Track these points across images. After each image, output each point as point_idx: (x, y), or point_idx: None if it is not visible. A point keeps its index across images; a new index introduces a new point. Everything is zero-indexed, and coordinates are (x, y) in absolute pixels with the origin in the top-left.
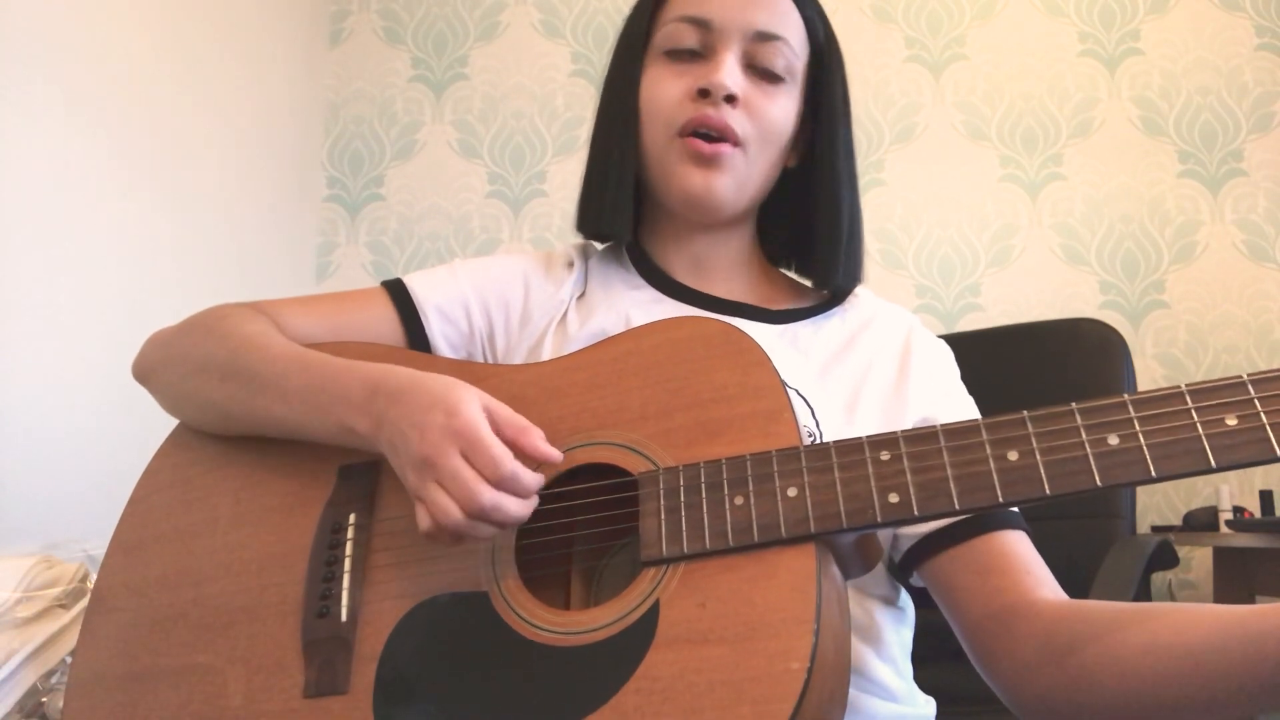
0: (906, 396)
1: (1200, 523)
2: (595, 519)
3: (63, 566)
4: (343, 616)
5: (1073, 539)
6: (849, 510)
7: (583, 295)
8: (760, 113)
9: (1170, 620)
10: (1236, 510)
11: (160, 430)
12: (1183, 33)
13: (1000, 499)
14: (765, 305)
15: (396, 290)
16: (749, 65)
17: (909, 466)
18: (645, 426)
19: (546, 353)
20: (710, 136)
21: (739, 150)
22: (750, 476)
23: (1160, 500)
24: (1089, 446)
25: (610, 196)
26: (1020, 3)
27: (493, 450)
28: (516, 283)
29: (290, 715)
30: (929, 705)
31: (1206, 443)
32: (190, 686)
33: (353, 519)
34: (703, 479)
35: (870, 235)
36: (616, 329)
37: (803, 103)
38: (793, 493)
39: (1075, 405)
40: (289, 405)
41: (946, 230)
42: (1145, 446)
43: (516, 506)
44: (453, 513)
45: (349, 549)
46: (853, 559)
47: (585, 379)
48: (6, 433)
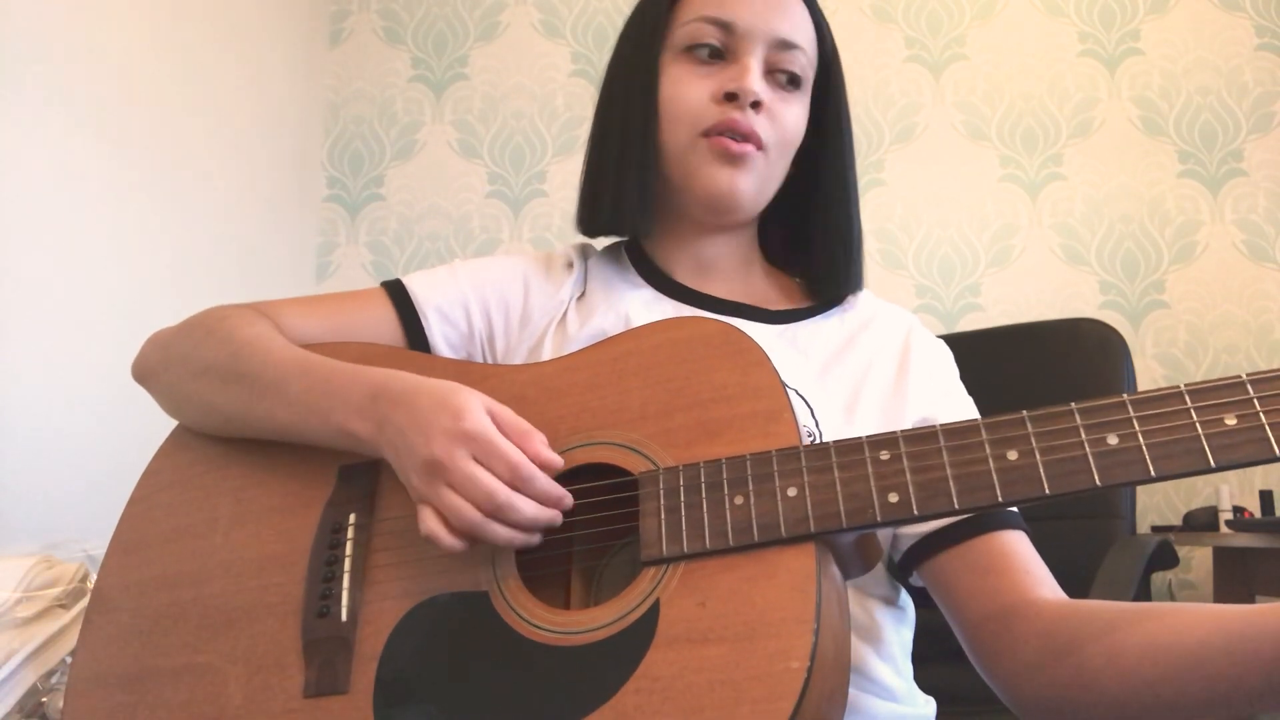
0: (906, 396)
1: (1200, 523)
2: (595, 519)
3: (63, 566)
4: (343, 616)
5: (1073, 539)
6: (849, 510)
7: (582, 296)
8: (780, 119)
9: (1170, 620)
10: (1236, 510)
11: (160, 430)
12: (1183, 33)
13: (1000, 499)
14: (765, 306)
15: (396, 291)
16: (768, 71)
17: (908, 466)
18: (645, 426)
19: (546, 353)
20: (736, 139)
21: (762, 154)
22: (750, 476)
23: (1160, 500)
24: (1088, 446)
25: (631, 193)
26: (1020, 3)
27: (510, 454)
28: (516, 283)
29: (290, 715)
30: (929, 705)
31: (1206, 442)
32: (190, 686)
33: (353, 519)
34: (703, 479)
35: (870, 235)
36: (616, 329)
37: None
38: (793, 492)
39: (1074, 405)
40: (289, 409)
41: (946, 230)
42: (1144, 446)
43: (532, 508)
44: (467, 512)
45: (349, 549)
46: (852, 559)
47: (585, 379)
48: (6, 433)
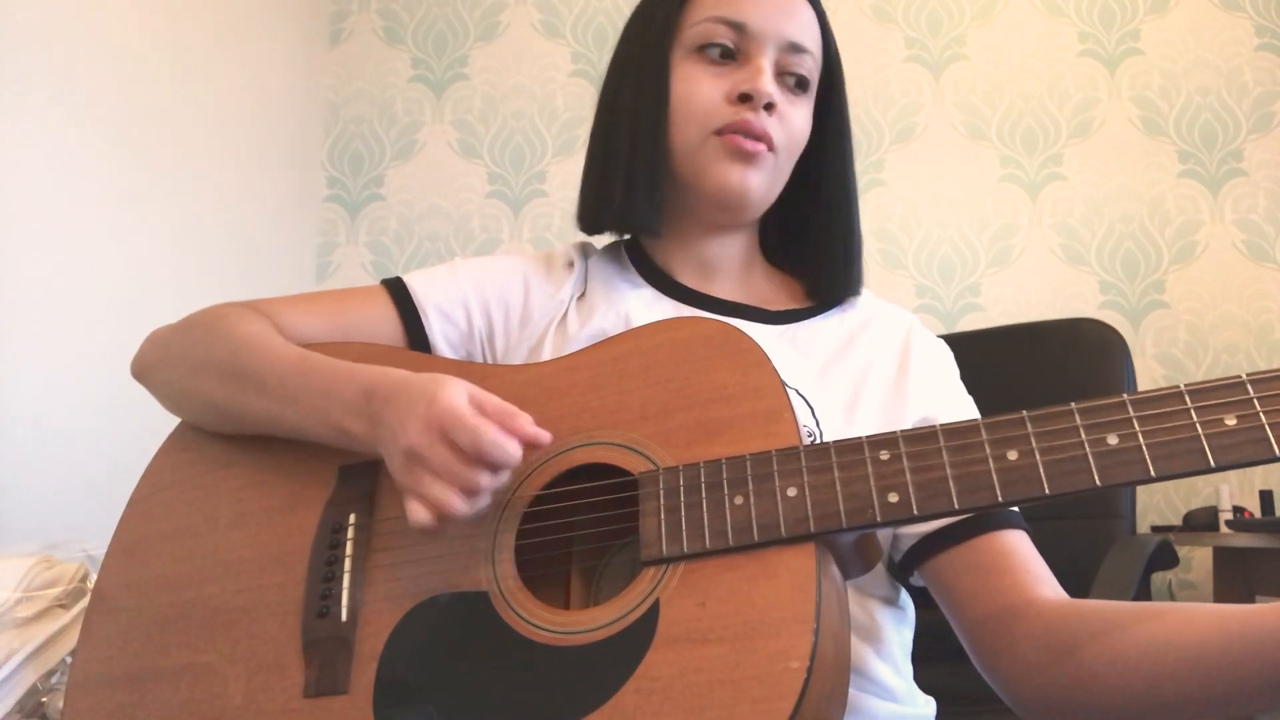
0: (906, 396)
1: (1200, 523)
2: (595, 519)
3: (63, 566)
4: (343, 616)
5: (1073, 539)
6: (848, 510)
7: (583, 295)
8: (789, 122)
9: (1170, 620)
10: (1236, 510)
11: (160, 430)
12: (1183, 33)
13: (1000, 499)
14: (765, 306)
15: (396, 289)
16: (777, 74)
17: (908, 466)
18: (645, 426)
19: (547, 353)
20: (749, 138)
21: (773, 154)
22: (750, 476)
23: (1160, 500)
24: (1088, 446)
25: (641, 191)
26: (1020, 3)
27: (470, 422)
28: (516, 283)
29: (290, 715)
30: (929, 705)
31: (1206, 442)
32: (190, 686)
33: (353, 519)
34: (703, 479)
35: (870, 235)
36: (617, 329)
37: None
38: (792, 492)
39: (1074, 405)
40: (286, 408)
41: (946, 230)
42: (1144, 446)
43: (505, 480)
44: (453, 500)
45: (349, 549)
46: (852, 559)
47: (585, 379)
48: (6, 433)
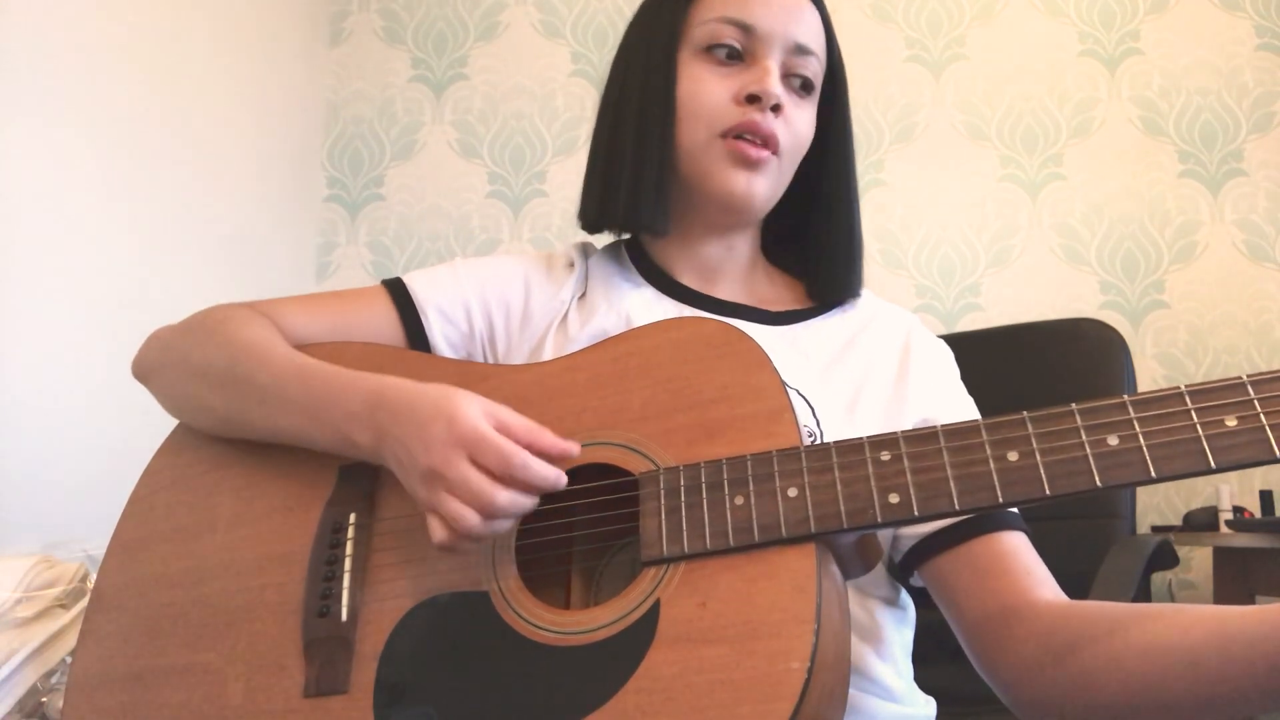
0: (906, 397)
1: (1200, 523)
2: (595, 518)
3: (63, 566)
4: (343, 616)
5: (1073, 539)
6: (849, 510)
7: (583, 295)
8: (794, 124)
9: (1169, 622)
10: (1236, 510)
11: (160, 430)
12: (1183, 33)
13: (1000, 499)
14: (766, 306)
15: (397, 289)
16: (784, 75)
17: (909, 466)
18: (646, 426)
19: (547, 353)
20: (756, 143)
21: (776, 159)
22: (751, 476)
23: (1160, 500)
24: (1089, 447)
25: (648, 191)
26: (1020, 3)
27: (499, 446)
28: (517, 284)
29: (291, 715)
30: (929, 705)
31: (1206, 443)
32: (191, 686)
33: (353, 519)
34: (703, 479)
35: (870, 235)
36: (617, 329)
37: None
38: (793, 493)
39: (1075, 406)
40: (288, 416)
41: (946, 230)
42: (1145, 447)
43: (529, 502)
44: (469, 518)
45: (349, 549)
46: (853, 559)
47: (586, 379)
48: (6, 433)
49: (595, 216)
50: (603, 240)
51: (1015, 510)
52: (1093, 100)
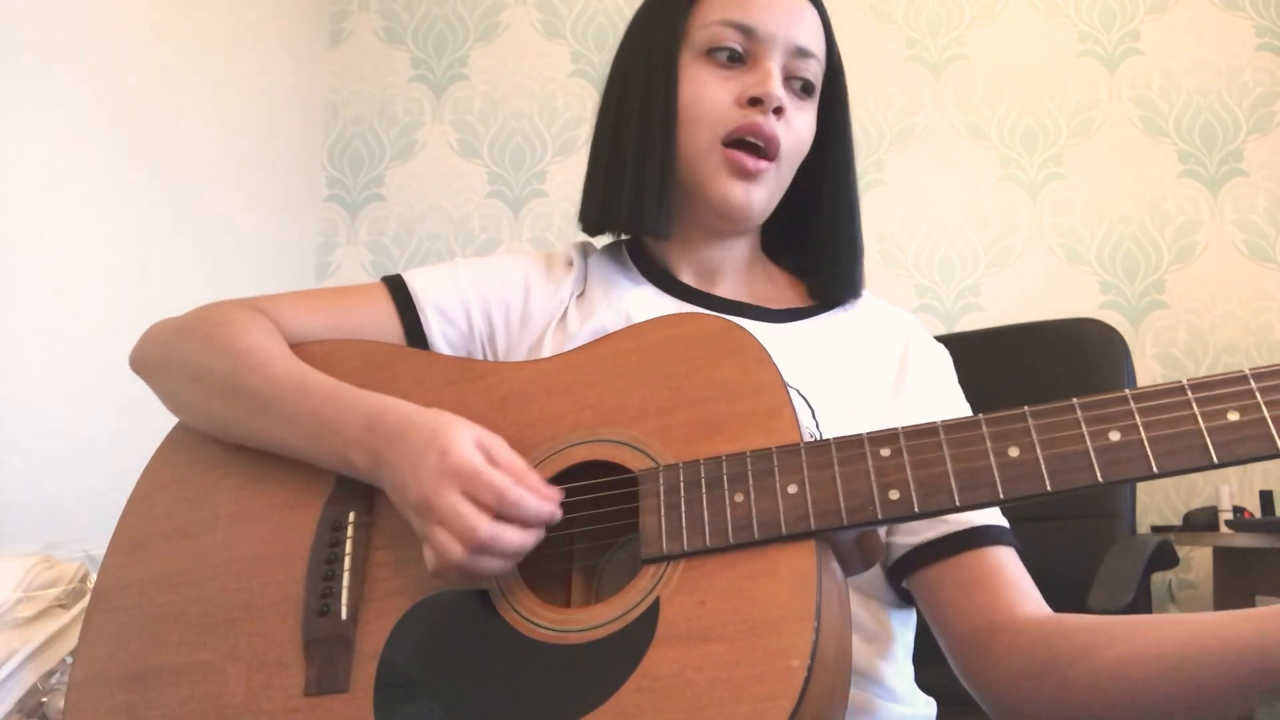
0: (904, 400)
1: (1200, 523)
2: (595, 516)
3: (63, 566)
4: (343, 615)
5: (1073, 539)
6: (849, 507)
7: (582, 294)
8: (795, 127)
9: (1149, 636)
10: (1236, 510)
11: (160, 430)
12: (1183, 33)
13: (1001, 495)
14: (767, 305)
15: (396, 287)
16: (785, 78)
17: (909, 462)
18: (645, 423)
19: (546, 351)
20: (758, 147)
21: (774, 166)
22: (750, 473)
23: (1160, 500)
24: (1090, 441)
25: (651, 193)
26: (1020, 3)
27: (493, 482)
28: (517, 283)
29: (291, 714)
30: (929, 706)
31: (1208, 437)
32: (191, 685)
33: (352, 517)
34: (703, 476)
35: (870, 235)
36: (617, 326)
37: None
38: (793, 489)
39: (1076, 400)
40: (287, 432)
41: (946, 230)
42: (1146, 441)
43: (516, 536)
44: (454, 550)
45: (349, 547)
46: (853, 556)
47: (585, 376)
48: (6, 433)
49: (597, 219)
50: (602, 240)
51: (1006, 525)
52: (1093, 100)
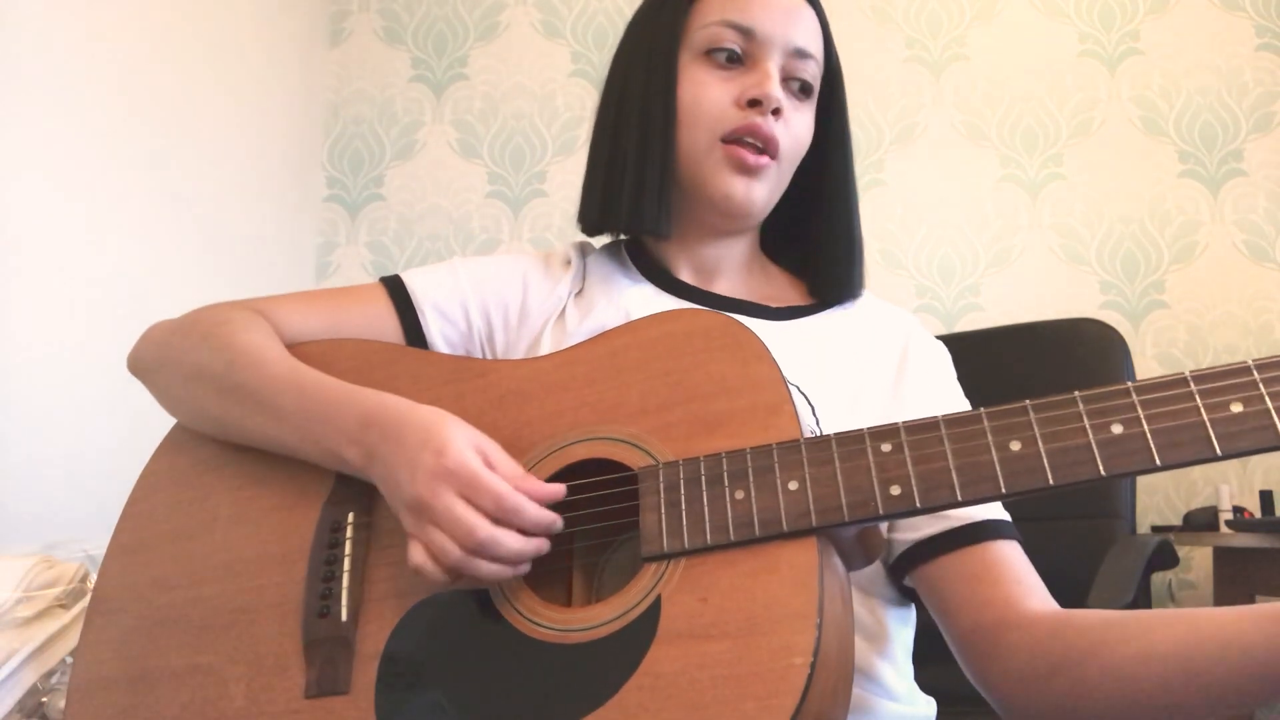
0: (904, 397)
1: (1200, 523)
2: (595, 514)
3: (63, 566)
4: (343, 616)
5: (1073, 539)
6: (850, 503)
7: (581, 292)
8: (793, 127)
9: (1160, 631)
10: (1236, 510)
11: (159, 429)
12: (1183, 33)
13: (1003, 490)
14: (766, 303)
15: (395, 287)
16: (783, 79)
17: (910, 457)
18: (644, 420)
19: (545, 349)
20: (757, 147)
21: (775, 164)
22: (751, 470)
23: (1160, 500)
24: (1092, 434)
25: (651, 194)
26: (1020, 3)
27: (493, 487)
28: (515, 283)
29: (292, 716)
30: (930, 706)
31: (1211, 429)
32: (191, 687)
33: (352, 518)
34: (703, 473)
35: (870, 235)
36: (616, 324)
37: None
38: (794, 486)
39: (1078, 393)
40: (282, 428)
41: (946, 230)
42: (1149, 434)
43: (516, 542)
44: (451, 551)
45: (349, 548)
46: (855, 551)
47: (584, 373)
48: (6, 433)
49: (597, 219)
50: (601, 240)
51: (1009, 519)
52: (1093, 100)
